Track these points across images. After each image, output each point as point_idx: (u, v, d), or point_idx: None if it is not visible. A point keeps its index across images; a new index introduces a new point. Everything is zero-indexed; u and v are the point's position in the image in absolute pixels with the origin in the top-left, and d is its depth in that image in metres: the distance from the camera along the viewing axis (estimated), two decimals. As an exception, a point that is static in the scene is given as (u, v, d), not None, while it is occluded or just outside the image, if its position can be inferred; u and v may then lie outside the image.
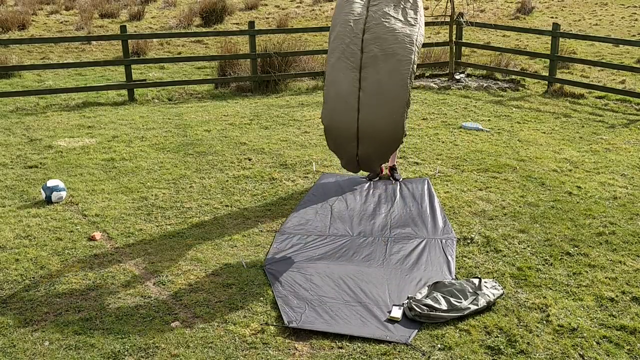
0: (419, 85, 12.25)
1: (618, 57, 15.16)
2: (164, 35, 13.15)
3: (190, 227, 6.03)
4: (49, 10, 21.42)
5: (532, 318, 4.50)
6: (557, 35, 11.76)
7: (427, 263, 5.30)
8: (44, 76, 13.30)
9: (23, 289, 4.91)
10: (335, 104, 5.86)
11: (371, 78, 5.70)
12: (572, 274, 5.13)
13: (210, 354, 4.12)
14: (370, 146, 5.81)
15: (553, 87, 11.76)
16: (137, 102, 11.17)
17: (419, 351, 4.14)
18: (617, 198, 6.69)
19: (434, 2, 15.49)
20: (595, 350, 4.16)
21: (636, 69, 11.44)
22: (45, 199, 6.59)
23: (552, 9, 23.86)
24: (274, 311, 4.60)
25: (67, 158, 8.03)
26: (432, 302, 4.53)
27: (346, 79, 5.78)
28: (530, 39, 17.52)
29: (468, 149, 8.34)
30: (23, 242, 5.72)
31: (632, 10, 23.22)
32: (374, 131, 5.72)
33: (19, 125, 9.60)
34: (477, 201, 6.58)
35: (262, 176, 7.34)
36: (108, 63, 12.72)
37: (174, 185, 7.08)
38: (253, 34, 11.95)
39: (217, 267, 5.23)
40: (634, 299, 4.77)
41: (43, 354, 4.12)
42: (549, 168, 7.61)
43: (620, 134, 9.17)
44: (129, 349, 4.17)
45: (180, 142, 8.67)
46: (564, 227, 5.96)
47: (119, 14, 20.70)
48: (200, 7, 19.99)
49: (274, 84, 12.05)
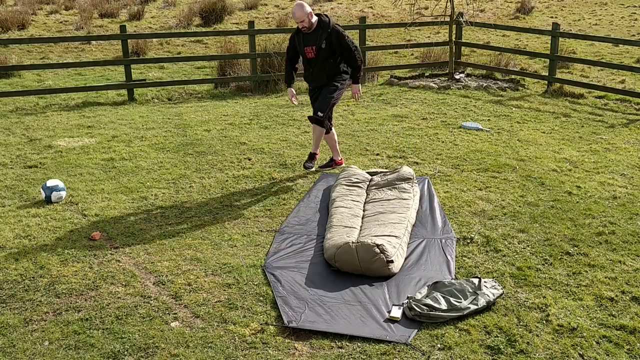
0: (419, 85, 12.25)
1: (618, 57, 15.17)
2: (163, 35, 13.15)
3: (190, 227, 6.03)
4: (48, 10, 21.42)
5: (532, 318, 4.51)
6: (557, 35, 11.77)
7: (427, 263, 5.30)
8: (44, 76, 13.30)
9: (23, 289, 4.91)
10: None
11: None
12: (572, 273, 5.13)
13: (210, 353, 4.12)
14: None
15: (553, 87, 11.77)
16: (137, 102, 11.18)
17: (418, 351, 4.14)
18: (617, 198, 6.69)
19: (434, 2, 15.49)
20: (595, 350, 4.16)
21: (636, 68, 11.44)
22: (45, 199, 6.59)
23: (551, 8, 23.86)
24: (274, 311, 4.60)
25: (67, 158, 8.03)
26: (432, 301, 4.53)
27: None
28: (530, 39, 17.53)
29: (468, 149, 8.34)
30: (23, 242, 5.72)
31: (632, 10, 23.21)
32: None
33: (19, 125, 9.60)
34: (477, 201, 6.59)
35: (262, 176, 7.34)
36: (108, 63, 12.72)
37: (173, 185, 7.08)
38: (253, 34, 11.95)
39: (217, 267, 5.23)
40: (634, 298, 4.77)
41: (43, 354, 4.12)
42: (549, 168, 7.61)
43: (620, 134, 9.17)
44: (129, 348, 4.17)
45: (180, 142, 8.67)
46: (563, 227, 5.96)
47: (119, 14, 20.69)
48: (200, 6, 19.99)
49: (274, 84, 12.05)
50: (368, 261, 5.02)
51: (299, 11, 6.79)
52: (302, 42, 6.98)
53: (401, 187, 6.46)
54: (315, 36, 6.88)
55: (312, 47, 6.92)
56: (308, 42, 6.94)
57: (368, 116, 10.05)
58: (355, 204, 6.20)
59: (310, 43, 6.93)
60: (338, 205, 6.13)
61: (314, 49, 6.91)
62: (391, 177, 6.68)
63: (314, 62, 6.97)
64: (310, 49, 6.94)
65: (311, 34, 6.91)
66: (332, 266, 5.22)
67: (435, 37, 17.35)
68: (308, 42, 6.94)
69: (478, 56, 15.21)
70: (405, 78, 12.90)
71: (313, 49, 6.92)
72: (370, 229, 5.59)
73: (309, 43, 6.93)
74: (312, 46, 6.92)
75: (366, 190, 6.61)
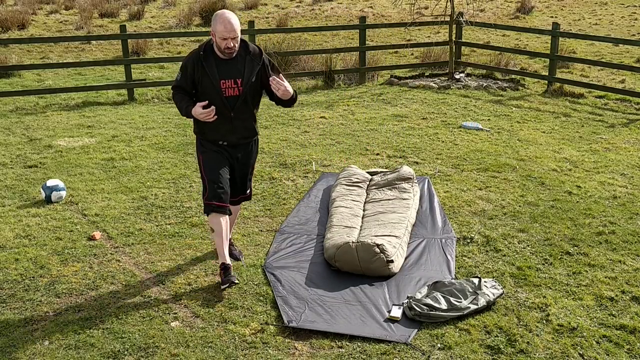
0: (419, 85, 12.25)
1: (618, 57, 15.16)
2: (163, 34, 13.15)
3: (190, 226, 6.03)
4: (48, 9, 21.42)
5: (532, 317, 4.51)
6: (557, 34, 11.77)
7: (427, 262, 5.30)
8: (44, 76, 13.29)
9: (23, 289, 4.91)
10: None
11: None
12: (572, 273, 5.13)
13: (210, 353, 4.12)
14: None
15: (553, 87, 11.77)
16: (137, 102, 11.17)
17: (418, 350, 4.14)
18: (617, 197, 6.69)
19: (434, 1, 15.48)
20: (595, 350, 4.16)
21: (636, 68, 11.44)
22: (45, 199, 6.59)
23: (551, 8, 23.85)
24: (274, 311, 4.60)
25: (67, 158, 8.03)
26: (432, 301, 4.53)
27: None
28: (530, 39, 17.53)
29: (468, 149, 8.34)
30: (23, 241, 5.72)
31: (632, 10, 23.21)
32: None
33: (19, 125, 9.60)
34: (477, 201, 6.58)
35: (262, 176, 7.34)
36: (108, 63, 12.72)
37: (173, 185, 7.08)
38: (253, 34, 11.95)
39: (217, 267, 5.23)
40: (634, 298, 4.77)
41: (43, 354, 4.12)
42: (549, 167, 7.61)
43: (620, 134, 9.17)
44: (129, 348, 4.17)
45: (180, 142, 8.67)
46: (563, 227, 5.96)
47: (119, 14, 20.69)
48: (200, 6, 20.00)
49: (274, 84, 12.04)
50: (368, 261, 5.01)
51: (235, 21, 4.60)
52: (215, 72, 4.68)
53: (401, 187, 6.46)
54: (238, 65, 4.74)
55: (236, 80, 4.73)
56: (227, 72, 4.71)
57: (368, 116, 10.05)
58: (355, 204, 6.20)
59: (232, 74, 4.72)
60: (338, 205, 6.13)
61: (239, 83, 4.73)
62: (391, 176, 6.68)
63: (234, 105, 4.75)
64: (230, 83, 4.72)
65: (230, 62, 4.73)
66: (332, 266, 5.22)
67: (435, 36, 17.34)
68: (227, 73, 4.71)
69: (478, 56, 15.21)
70: (405, 78, 12.90)
71: (237, 84, 4.73)
72: (370, 228, 5.59)
73: (230, 74, 4.72)
74: (236, 79, 4.72)
75: (366, 190, 6.61)
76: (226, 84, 4.71)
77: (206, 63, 4.68)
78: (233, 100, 4.74)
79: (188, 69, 4.73)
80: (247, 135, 4.95)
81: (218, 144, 4.87)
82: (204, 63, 4.68)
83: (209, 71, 4.67)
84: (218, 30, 4.58)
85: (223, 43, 4.60)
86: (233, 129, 4.83)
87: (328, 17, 20.93)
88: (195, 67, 4.69)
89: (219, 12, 4.61)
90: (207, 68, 4.67)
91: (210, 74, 4.67)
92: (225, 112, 4.74)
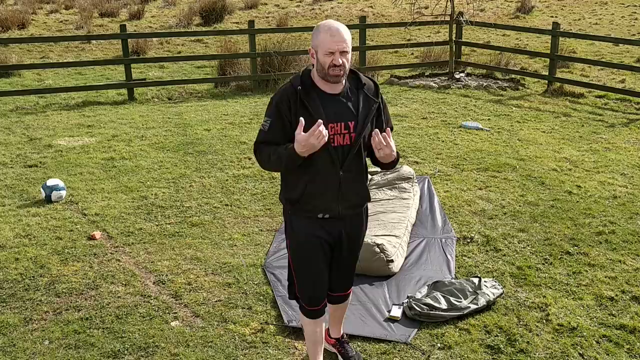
0: (419, 85, 12.25)
1: (618, 57, 15.16)
2: (163, 34, 13.15)
3: (190, 226, 6.03)
4: (48, 9, 21.42)
5: (532, 317, 4.50)
6: (557, 34, 11.76)
7: (427, 262, 5.30)
8: (44, 75, 13.29)
9: (23, 288, 4.91)
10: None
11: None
12: (572, 273, 5.13)
13: (210, 353, 4.12)
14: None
15: (553, 87, 11.77)
16: (137, 101, 11.17)
17: (418, 350, 4.14)
18: (617, 197, 6.69)
19: (434, 1, 15.48)
20: (595, 350, 4.16)
21: (636, 68, 11.44)
22: (45, 198, 6.59)
23: (552, 8, 23.85)
24: (274, 310, 4.60)
25: (67, 157, 8.03)
26: (432, 301, 4.53)
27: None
28: (530, 38, 17.52)
29: (468, 148, 8.34)
30: (23, 241, 5.72)
31: (632, 10, 23.21)
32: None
33: (19, 125, 9.59)
34: (477, 200, 6.58)
35: (262, 175, 7.34)
36: (108, 62, 12.72)
37: (173, 185, 7.08)
38: (253, 33, 11.95)
39: (216, 267, 5.23)
40: (634, 298, 4.77)
41: (43, 353, 4.12)
42: (549, 167, 7.61)
43: (620, 133, 9.17)
44: (129, 348, 4.17)
45: (180, 141, 8.67)
46: (563, 226, 5.96)
47: (119, 13, 20.70)
48: (200, 6, 19.99)
49: (274, 83, 12.06)
50: (368, 260, 5.01)
51: (344, 29, 3.18)
52: (321, 112, 3.21)
53: (401, 187, 6.46)
54: (349, 102, 3.30)
55: (348, 123, 3.27)
56: (335, 112, 3.25)
57: (368, 115, 10.04)
58: None
59: (342, 116, 3.26)
60: None
61: (352, 127, 3.28)
62: (391, 176, 6.67)
63: (344, 158, 3.31)
64: (339, 128, 3.27)
65: (337, 98, 3.28)
66: None
67: (435, 36, 17.34)
68: (335, 114, 3.25)
69: (478, 55, 15.21)
70: (406, 77, 12.90)
71: (350, 129, 3.28)
72: (370, 228, 5.58)
73: (338, 115, 3.26)
74: (348, 122, 3.27)
75: None
76: (335, 129, 3.23)
77: (307, 100, 3.20)
78: (343, 151, 3.28)
79: (282, 111, 3.22)
80: (358, 202, 3.48)
81: (317, 217, 3.38)
82: (304, 100, 3.20)
83: (314, 111, 3.19)
84: (322, 40, 3.14)
85: (328, 60, 3.13)
86: (341, 195, 3.35)
87: (328, 17, 20.93)
88: (292, 106, 3.20)
89: (322, 22, 3.22)
90: (310, 107, 3.19)
91: (315, 115, 3.17)
92: (331, 169, 3.28)
